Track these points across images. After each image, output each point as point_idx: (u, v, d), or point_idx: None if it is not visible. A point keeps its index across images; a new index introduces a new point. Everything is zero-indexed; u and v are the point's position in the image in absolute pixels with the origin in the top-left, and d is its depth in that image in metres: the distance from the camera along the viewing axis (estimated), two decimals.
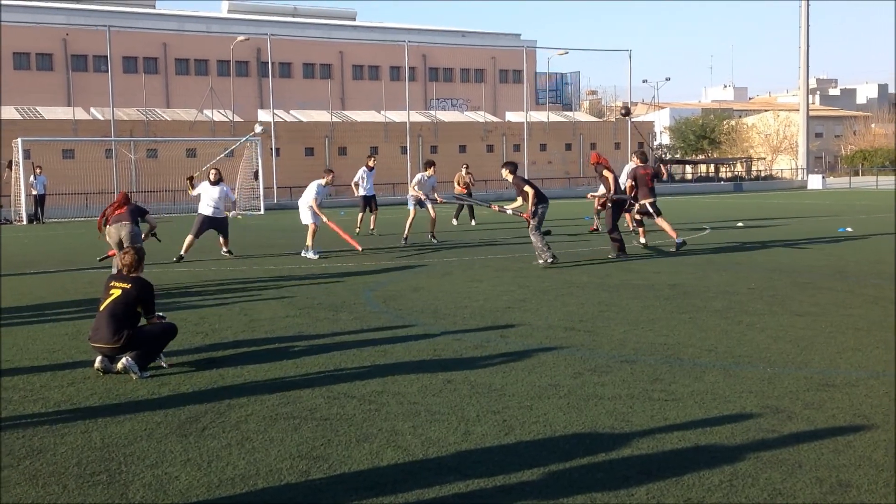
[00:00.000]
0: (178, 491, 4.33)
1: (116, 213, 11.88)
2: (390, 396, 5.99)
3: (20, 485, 4.44)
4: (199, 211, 15.60)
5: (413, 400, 5.89)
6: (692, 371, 6.59)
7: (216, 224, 15.63)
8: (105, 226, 11.93)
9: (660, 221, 15.83)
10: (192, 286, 11.96)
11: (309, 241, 15.40)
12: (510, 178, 13.75)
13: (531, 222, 13.41)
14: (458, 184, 25.88)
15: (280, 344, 7.85)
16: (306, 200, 15.71)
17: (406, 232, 17.76)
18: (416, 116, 55.12)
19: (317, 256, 15.21)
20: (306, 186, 16.13)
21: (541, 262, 13.44)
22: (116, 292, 6.83)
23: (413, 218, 18.05)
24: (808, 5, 53.89)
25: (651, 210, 15.68)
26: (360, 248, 16.06)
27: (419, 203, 17.97)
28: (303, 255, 15.43)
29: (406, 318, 9.16)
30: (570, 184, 56.52)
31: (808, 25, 55.48)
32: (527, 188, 13.43)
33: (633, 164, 17.09)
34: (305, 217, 15.67)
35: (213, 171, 15.99)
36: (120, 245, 11.55)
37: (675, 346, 7.47)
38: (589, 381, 6.31)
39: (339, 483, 4.41)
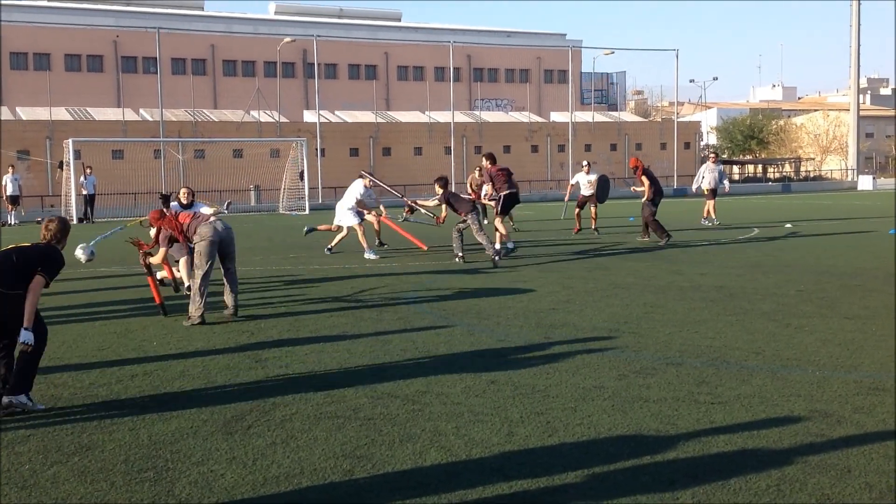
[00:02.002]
0: (224, 489, 4.38)
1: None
2: (434, 397, 5.99)
3: (69, 481, 4.52)
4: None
5: (456, 400, 5.89)
6: (739, 374, 6.50)
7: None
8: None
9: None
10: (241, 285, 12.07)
11: (363, 242, 15.39)
12: (439, 192, 14.87)
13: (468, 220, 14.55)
14: (471, 187, 25.64)
15: (324, 343, 7.89)
16: (347, 203, 15.70)
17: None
18: (461, 117, 55.13)
19: (376, 256, 15.26)
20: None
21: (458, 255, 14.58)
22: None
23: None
24: (858, 4, 52.99)
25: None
26: (425, 248, 16.43)
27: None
28: (366, 256, 15.27)
29: (450, 318, 9.16)
30: (615, 184, 56.12)
31: (858, 24, 54.53)
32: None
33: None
34: (346, 219, 15.63)
35: (183, 191, 13.75)
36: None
37: (722, 349, 7.38)
38: (634, 384, 6.26)
39: (383, 483, 4.43)
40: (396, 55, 70.92)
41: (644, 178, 17.42)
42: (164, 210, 10.87)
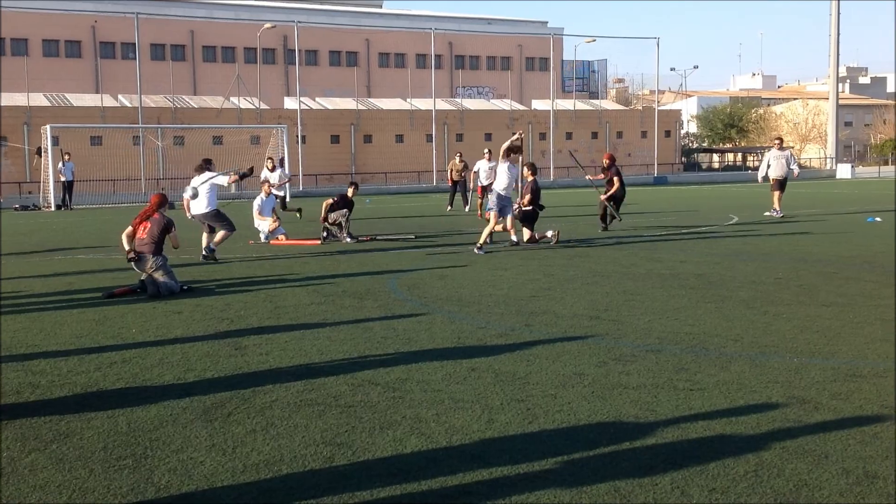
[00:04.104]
0: (203, 476, 4.37)
1: (143, 234, 10.36)
2: (414, 384, 6.00)
3: (47, 468, 4.49)
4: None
5: (437, 388, 5.89)
6: (717, 361, 6.54)
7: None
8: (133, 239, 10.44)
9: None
10: (221, 272, 12.03)
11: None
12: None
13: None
14: (451, 173, 25.71)
15: (305, 331, 7.88)
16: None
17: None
18: (442, 104, 55.05)
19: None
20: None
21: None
22: None
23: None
24: None
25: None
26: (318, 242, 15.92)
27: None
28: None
29: (430, 305, 9.16)
30: (597, 172, 56.21)
31: (838, 13, 54.80)
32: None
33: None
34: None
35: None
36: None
37: (701, 336, 7.42)
38: (613, 370, 6.28)
39: (363, 470, 4.43)
40: (378, 42, 70.71)
41: (615, 180, 17.30)
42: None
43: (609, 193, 17.26)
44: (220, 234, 13.56)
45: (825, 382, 5.89)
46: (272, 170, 21.06)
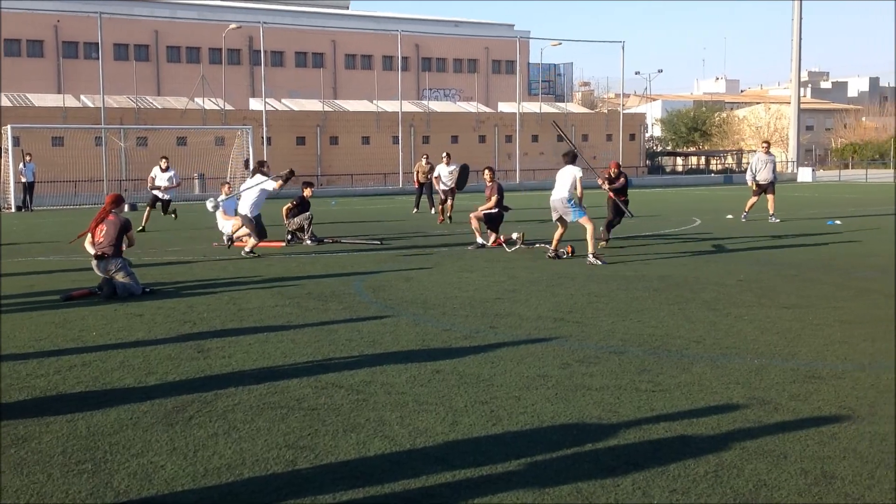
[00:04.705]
0: (164, 480, 4.32)
1: (101, 236, 10.22)
2: (378, 386, 5.98)
3: (5, 473, 4.43)
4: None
5: (401, 390, 5.89)
6: (679, 362, 6.60)
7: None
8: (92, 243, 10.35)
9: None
10: (184, 275, 11.93)
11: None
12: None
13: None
14: (418, 175, 25.72)
15: (268, 333, 7.83)
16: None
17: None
18: (409, 106, 55.02)
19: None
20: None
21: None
22: None
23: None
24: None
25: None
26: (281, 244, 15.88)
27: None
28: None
29: (395, 308, 9.15)
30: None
31: (800, 18, 55.53)
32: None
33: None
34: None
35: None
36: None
37: (663, 338, 7.48)
38: (577, 372, 6.32)
39: (326, 473, 4.41)
40: (344, 43, 70.50)
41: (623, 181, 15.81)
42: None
43: (613, 187, 15.56)
44: (248, 238, 14.15)
45: (785, 383, 5.96)
46: (164, 170, 19.96)
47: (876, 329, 7.78)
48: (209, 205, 15.29)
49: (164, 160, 20.19)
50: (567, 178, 12.82)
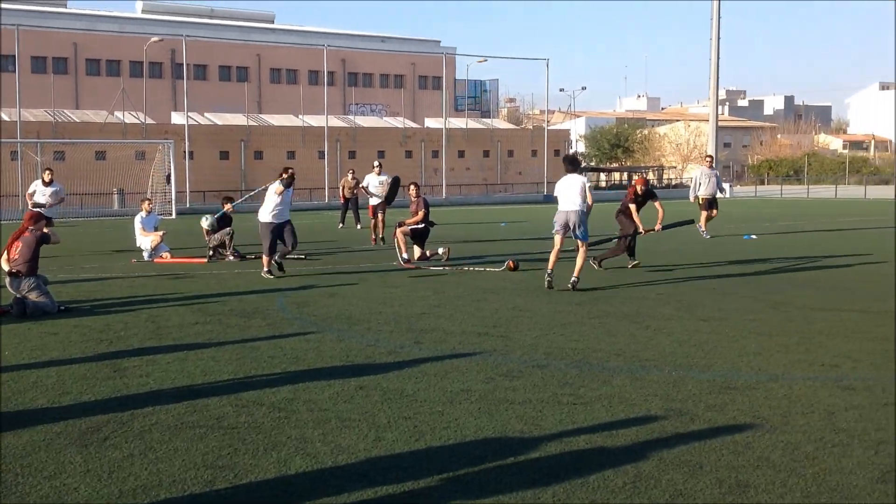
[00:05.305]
0: (77, 503, 4.21)
1: (16, 254, 10.01)
2: (301, 404, 5.92)
3: None
4: None
5: (324, 407, 5.84)
6: (600, 375, 6.69)
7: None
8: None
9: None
10: (101, 292, 11.65)
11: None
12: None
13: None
14: (344, 190, 25.56)
15: (188, 351, 7.69)
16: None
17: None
18: (335, 121, 54.80)
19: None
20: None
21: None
22: None
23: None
24: (718, 20, 55.42)
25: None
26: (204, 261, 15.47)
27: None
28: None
29: (320, 324, 9.08)
30: (488, 190, 56.93)
31: (718, 38, 57.01)
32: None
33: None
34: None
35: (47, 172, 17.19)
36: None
37: (585, 351, 7.58)
38: (500, 386, 6.35)
39: (246, 492, 4.34)
40: (269, 57, 69.95)
41: (657, 204, 15.26)
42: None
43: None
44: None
45: (701, 395, 6.09)
46: (48, 183, 17.94)
47: (789, 340, 8.01)
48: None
49: (47, 172, 18.30)
50: (575, 187, 11.68)
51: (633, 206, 14.34)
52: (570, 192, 11.70)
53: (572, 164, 12.12)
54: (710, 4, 53.41)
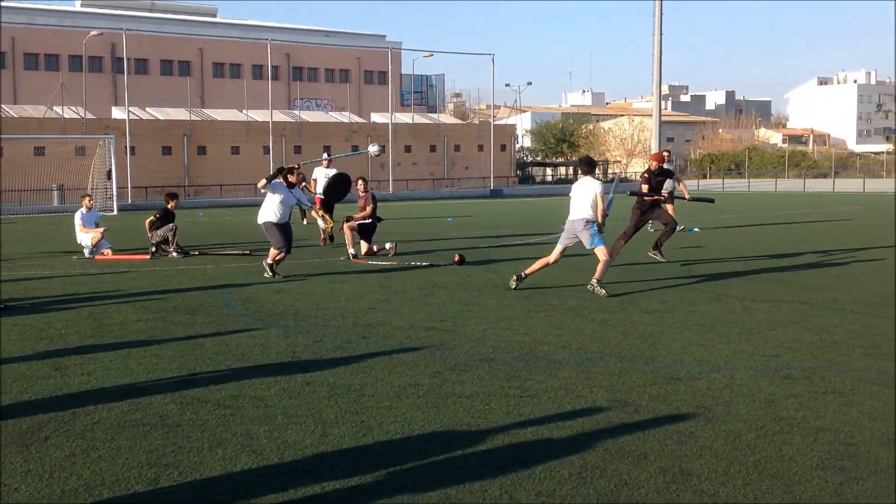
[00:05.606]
0: (18, 503, 4.13)
1: None
2: (247, 400, 5.88)
3: None
4: None
5: (270, 403, 5.80)
6: (547, 367, 6.75)
7: None
8: None
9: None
10: (41, 290, 11.42)
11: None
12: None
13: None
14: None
15: (130, 349, 7.57)
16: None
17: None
18: (280, 116, 54.37)
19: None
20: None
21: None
22: None
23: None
24: (661, 16, 56.10)
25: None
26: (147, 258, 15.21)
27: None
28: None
29: (266, 320, 9.01)
30: (435, 185, 56.98)
31: (661, 34, 57.71)
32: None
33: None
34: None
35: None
36: None
37: (532, 344, 7.63)
38: (448, 380, 6.37)
39: (190, 490, 4.30)
40: (212, 52, 69.12)
41: (681, 185, 15.15)
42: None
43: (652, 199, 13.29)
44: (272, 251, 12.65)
45: (645, 386, 6.17)
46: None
47: (731, 331, 8.15)
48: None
49: None
50: (588, 193, 10.54)
51: (645, 187, 13.15)
52: (582, 200, 10.59)
53: (588, 165, 10.99)
54: (652, 3, 54.01)
